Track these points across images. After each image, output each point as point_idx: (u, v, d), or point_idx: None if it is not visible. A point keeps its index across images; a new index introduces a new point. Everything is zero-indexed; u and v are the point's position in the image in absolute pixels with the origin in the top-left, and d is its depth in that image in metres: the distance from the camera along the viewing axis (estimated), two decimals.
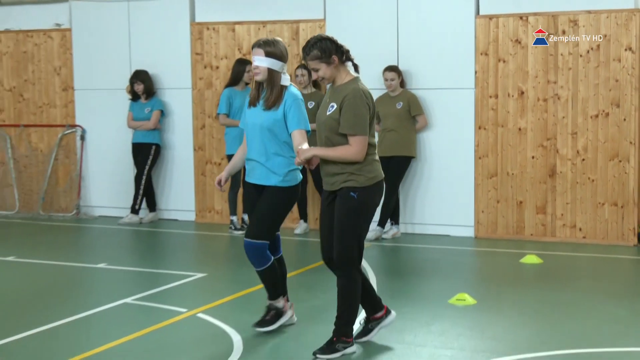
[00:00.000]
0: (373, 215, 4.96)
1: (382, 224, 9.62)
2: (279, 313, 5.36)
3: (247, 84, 10.06)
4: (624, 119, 8.92)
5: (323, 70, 4.64)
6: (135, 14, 11.18)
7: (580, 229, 9.19)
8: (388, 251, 9.14)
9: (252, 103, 5.09)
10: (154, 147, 10.88)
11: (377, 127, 9.31)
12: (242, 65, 9.98)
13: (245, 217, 10.03)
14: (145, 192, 10.97)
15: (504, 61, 9.34)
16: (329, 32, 9.49)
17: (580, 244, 9.04)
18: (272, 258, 5.30)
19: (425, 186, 9.87)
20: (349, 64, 4.77)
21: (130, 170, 11.13)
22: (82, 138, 11.62)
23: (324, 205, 4.93)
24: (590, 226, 9.15)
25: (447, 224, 9.77)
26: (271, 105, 4.92)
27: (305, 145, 4.78)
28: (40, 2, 11.73)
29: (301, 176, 5.35)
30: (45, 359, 5.42)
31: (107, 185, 11.65)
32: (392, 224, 9.73)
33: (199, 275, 7.85)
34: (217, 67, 10.81)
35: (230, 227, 10.29)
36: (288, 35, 10.33)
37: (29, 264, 8.63)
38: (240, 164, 5.46)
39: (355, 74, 4.80)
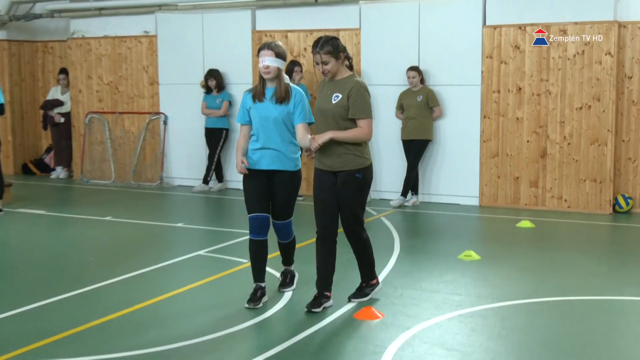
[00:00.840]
0: (370, 188, 5.08)
1: (404, 194, 9.89)
2: (293, 275, 5.51)
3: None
4: (603, 111, 9.24)
5: (331, 65, 4.66)
6: (209, 24, 11.45)
7: (565, 200, 9.54)
8: (409, 216, 9.30)
9: (259, 98, 4.90)
10: (224, 131, 11.17)
11: (401, 115, 9.93)
12: (292, 64, 10.06)
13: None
14: (215, 167, 11.26)
15: (505, 63, 9.67)
16: (363, 40, 10.07)
17: (566, 212, 9.36)
18: (294, 234, 5.36)
19: (439, 164, 10.17)
20: (346, 62, 4.83)
21: (203, 149, 11.42)
22: (165, 123, 11.97)
23: (326, 185, 4.83)
24: (574, 198, 9.49)
25: (457, 195, 10.07)
26: (283, 100, 4.79)
27: (307, 136, 4.77)
28: (132, 13, 12.05)
29: None
30: (134, 299, 5.50)
31: (184, 160, 11.93)
32: (412, 194, 9.99)
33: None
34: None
35: None
36: None
37: (122, 222, 8.94)
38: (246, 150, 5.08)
39: (350, 72, 4.87)
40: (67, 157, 13.12)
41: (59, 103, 12.94)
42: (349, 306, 5.25)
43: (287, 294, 5.48)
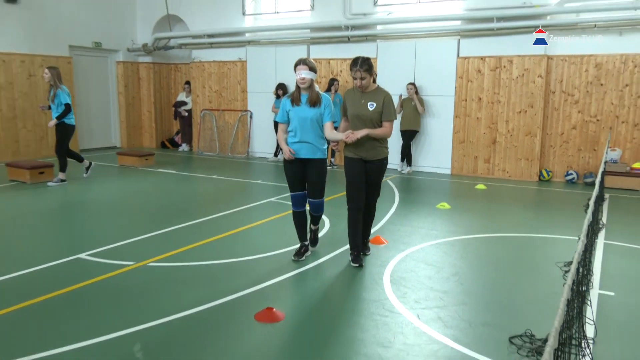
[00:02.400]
0: None
1: (402, 160, 9.99)
2: (307, 248, 4.73)
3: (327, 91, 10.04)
4: (535, 114, 9.18)
5: (367, 80, 4.22)
6: (280, 54, 11.43)
7: (507, 172, 9.53)
8: (405, 180, 9.18)
9: (296, 103, 4.35)
10: None
11: (401, 110, 9.92)
12: (332, 81, 10.18)
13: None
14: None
15: (471, 81, 9.62)
16: (379, 66, 10.08)
17: (507, 179, 9.35)
18: (324, 209, 4.78)
19: (426, 146, 10.13)
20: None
21: (273, 134, 11.18)
22: (250, 117, 12.03)
23: (360, 169, 4.33)
24: (513, 170, 9.47)
25: (436, 167, 10.07)
26: (315, 104, 4.28)
27: (335, 132, 4.35)
28: (231, 46, 12.13)
29: None
30: (228, 227, 5.65)
31: (262, 140, 12.00)
32: (407, 165, 10.05)
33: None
34: (319, 82, 10.80)
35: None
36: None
37: (222, 179, 8.99)
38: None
39: (376, 84, 4.42)
40: (189, 137, 13.29)
41: (184, 103, 13.10)
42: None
43: (320, 234, 5.27)
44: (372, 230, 5.48)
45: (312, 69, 4.28)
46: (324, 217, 5.92)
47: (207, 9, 12.40)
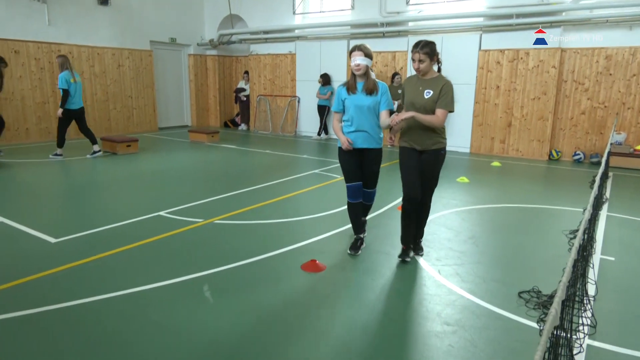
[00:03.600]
0: None
1: None
2: (363, 241, 3.94)
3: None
4: (547, 100, 8.78)
5: (426, 64, 3.34)
6: (324, 47, 11.25)
7: (520, 151, 9.18)
8: None
9: (352, 91, 3.58)
10: (327, 107, 11.05)
11: None
12: (394, 75, 9.94)
13: None
14: (323, 126, 11.25)
15: (490, 71, 9.25)
16: (410, 60, 9.69)
17: (520, 158, 9.00)
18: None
19: (448, 127, 9.62)
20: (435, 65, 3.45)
21: (316, 115, 11.34)
22: (299, 102, 11.87)
23: (413, 160, 3.48)
24: (526, 150, 9.12)
25: (458, 146, 9.77)
26: (371, 91, 3.52)
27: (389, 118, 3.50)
28: (283, 41, 12.01)
29: None
30: (280, 194, 5.65)
31: (308, 121, 11.88)
32: None
33: None
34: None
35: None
36: (390, 57, 10.36)
37: (274, 154, 8.89)
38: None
39: (438, 73, 3.47)
40: (247, 118, 13.31)
41: (243, 89, 13.08)
42: (393, 203, 5.23)
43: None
44: (400, 199, 5.37)
45: (368, 55, 3.53)
46: None
47: (263, 9, 12.33)
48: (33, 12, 9.65)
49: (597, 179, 3.86)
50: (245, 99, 13.08)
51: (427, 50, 3.33)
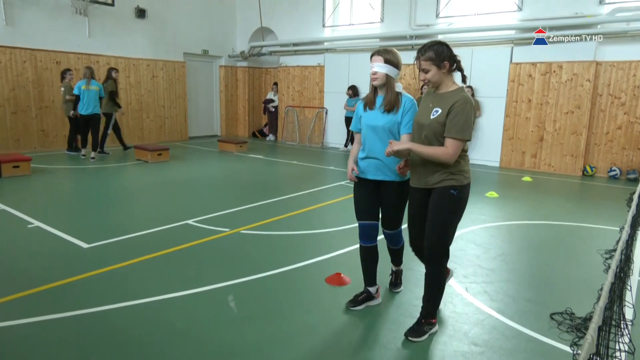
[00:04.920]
0: (464, 210, 2.61)
1: None
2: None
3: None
4: (581, 115, 8.56)
5: (432, 73, 2.49)
6: (353, 59, 11.31)
7: (553, 166, 8.95)
8: None
9: (370, 106, 2.78)
10: None
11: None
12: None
13: None
14: (350, 138, 11.18)
15: (522, 84, 9.08)
16: None
17: (552, 173, 8.80)
18: (403, 240, 3.12)
19: (478, 140, 9.65)
20: (458, 74, 2.56)
21: (344, 127, 11.38)
22: (326, 113, 11.98)
23: (417, 205, 2.65)
24: (559, 165, 8.89)
25: (487, 160, 9.62)
26: (391, 108, 2.69)
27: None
28: (312, 54, 12.10)
29: None
30: (306, 205, 5.71)
31: (335, 133, 11.95)
32: None
33: None
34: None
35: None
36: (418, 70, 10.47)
37: (301, 165, 8.97)
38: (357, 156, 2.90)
39: (461, 84, 2.56)
40: (275, 129, 13.41)
41: (272, 100, 13.22)
42: None
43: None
44: None
45: (389, 61, 2.71)
46: None
47: (293, 22, 12.46)
48: (75, 25, 10.06)
49: (636, 196, 3.69)
50: (273, 109, 13.21)
51: (430, 55, 2.47)
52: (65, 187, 6.51)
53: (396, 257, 3.22)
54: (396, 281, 3.33)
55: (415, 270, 3.67)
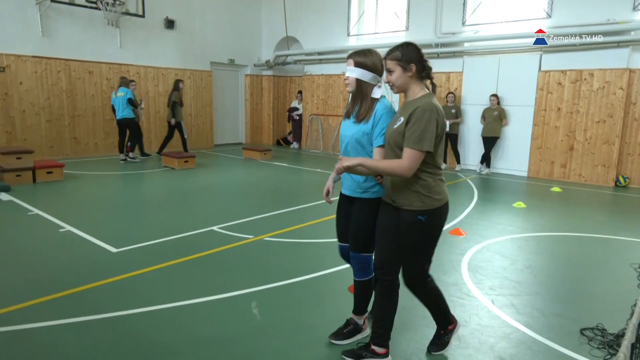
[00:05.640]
0: (439, 235, 2.31)
1: (482, 163, 9.45)
2: (357, 329, 2.71)
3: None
4: (614, 124, 8.34)
5: (397, 75, 2.20)
6: None
7: (583, 176, 8.73)
8: (484, 180, 8.71)
9: (347, 115, 2.48)
10: None
11: (483, 121, 9.43)
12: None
13: None
14: None
15: (551, 93, 8.91)
16: (465, 78, 9.79)
17: (583, 184, 8.58)
18: (373, 275, 2.52)
19: (505, 149, 9.51)
20: (427, 82, 2.28)
21: None
22: None
23: (388, 218, 2.33)
24: (590, 175, 8.66)
25: (513, 169, 9.45)
26: (362, 118, 2.35)
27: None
28: (336, 62, 12.12)
29: None
30: (323, 214, 5.53)
31: None
32: (486, 167, 9.52)
33: None
34: None
35: None
36: (445, 78, 10.19)
37: (324, 172, 8.84)
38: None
39: (427, 91, 2.24)
40: (299, 137, 13.48)
41: (296, 109, 13.32)
42: (445, 227, 5.10)
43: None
44: (452, 223, 5.27)
45: (362, 64, 2.35)
46: None
47: (318, 31, 12.58)
48: (107, 36, 10.41)
49: None
50: (297, 118, 13.30)
51: (397, 54, 2.19)
52: (96, 192, 6.70)
53: (358, 296, 2.61)
54: (343, 329, 2.64)
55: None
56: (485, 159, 9.52)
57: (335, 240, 2.79)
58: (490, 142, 9.38)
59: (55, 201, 6.11)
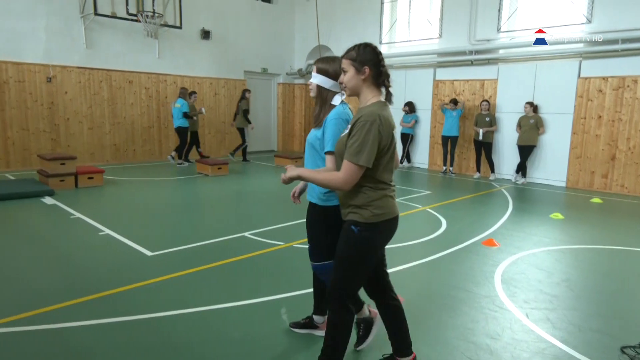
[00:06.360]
0: (375, 254, 2.10)
1: (517, 172, 9.24)
2: (369, 324, 2.67)
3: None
4: None
5: (349, 76, 2.05)
6: (406, 76, 11.40)
7: (626, 187, 8.42)
8: (519, 190, 8.49)
9: (314, 120, 2.43)
10: (411, 135, 11.02)
11: (519, 130, 9.24)
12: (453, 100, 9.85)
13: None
14: (407, 154, 11.19)
15: (591, 100, 8.66)
16: (500, 86, 9.62)
17: (626, 195, 8.28)
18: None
19: (542, 159, 9.29)
20: (383, 90, 2.07)
21: (400, 144, 11.13)
22: None
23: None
24: (633, 186, 8.34)
25: (551, 179, 9.22)
26: (317, 123, 2.37)
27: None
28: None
29: None
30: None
31: None
32: (522, 176, 9.30)
33: (427, 192, 8.10)
34: (443, 101, 10.68)
35: None
36: (479, 86, 10.15)
37: None
38: None
39: (379, 99, 2.05)
40: None
41: None
42: (478, 237, 4.94)
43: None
44: (486, 233, 5.19)
45: (322, 70, 2.37)
46: (439, 216, 5.75)
47: (350, 39, 12.53)
48: (145, 47, 10.81)
49: None
50: None
51: (352, 54, 2.06)
52: (133, 197, 6.93)
53: (319, 299, 2.72)
54: (358, 334, 2.62)
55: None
56: (521, 168, 9.31)
57: None
58: (526, 151, 9.16)
59: (96, 205, 6.36)
